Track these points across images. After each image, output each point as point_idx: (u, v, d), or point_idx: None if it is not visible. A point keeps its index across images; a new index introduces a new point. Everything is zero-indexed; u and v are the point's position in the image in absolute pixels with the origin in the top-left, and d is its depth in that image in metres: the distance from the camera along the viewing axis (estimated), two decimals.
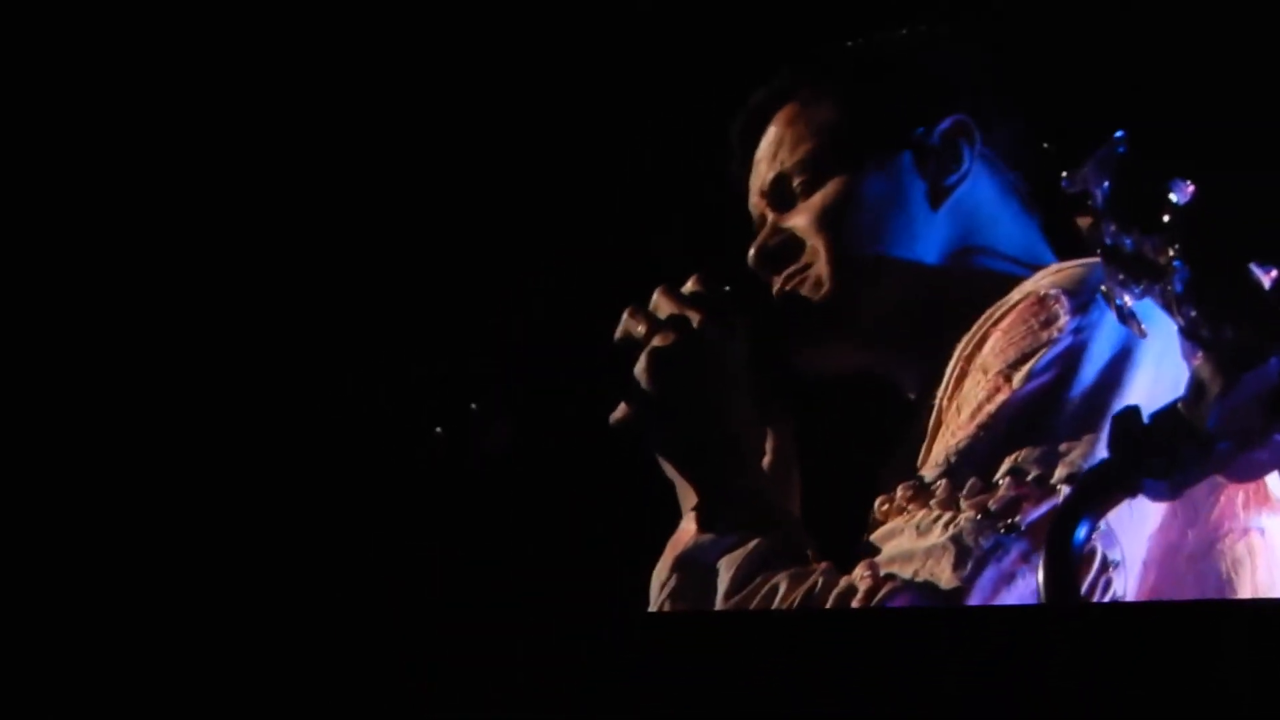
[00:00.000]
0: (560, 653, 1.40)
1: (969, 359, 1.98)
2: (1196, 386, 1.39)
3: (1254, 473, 1.41)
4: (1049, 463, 1.82)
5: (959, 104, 2.22)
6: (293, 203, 3.33)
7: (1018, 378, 1.90)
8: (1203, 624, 1.31)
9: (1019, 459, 1.83)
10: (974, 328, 2.00)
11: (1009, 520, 1.73)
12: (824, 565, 1.92)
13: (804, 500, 2.22)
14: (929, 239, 2.17)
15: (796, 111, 2.24)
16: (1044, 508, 1.78)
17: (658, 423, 2.06)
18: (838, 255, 2.15)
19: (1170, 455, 1.42)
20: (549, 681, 1.40)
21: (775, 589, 1.90)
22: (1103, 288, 1.43)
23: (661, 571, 2.03)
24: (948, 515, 1.82)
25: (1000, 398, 1.89)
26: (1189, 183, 1.39)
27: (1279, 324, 1.36)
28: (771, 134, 2.25)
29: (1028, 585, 1.80)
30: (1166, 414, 1.43)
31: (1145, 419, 1.44)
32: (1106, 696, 1.28)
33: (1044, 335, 1.89)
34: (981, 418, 1.90)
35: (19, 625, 1.42)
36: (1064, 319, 1.90)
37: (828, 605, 1.84)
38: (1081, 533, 1.42)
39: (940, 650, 1.34)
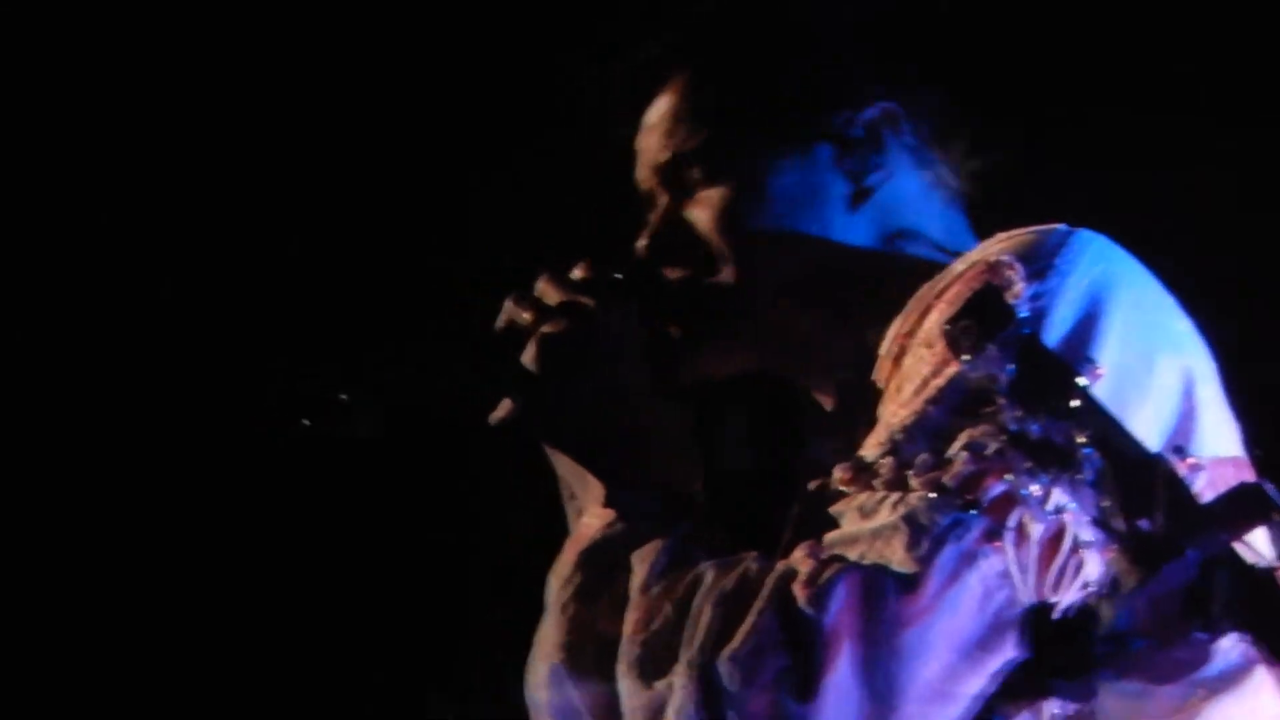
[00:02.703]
0: None
1: (908, 335, 1.84)
2: (1111, 581, 1.30)
3: (1174, 674, 1.31)
4: None
5: (880, 81, 2.04)
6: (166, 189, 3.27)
7: None
8: None
9: (975, 433, 1.67)
10: (910, 304, 1.85)
11: (968, 497, 1.57)
12: (751, 554, 1.78)
13: (712, 493, 2.08)
14: (846, 240, 2.01)
15: (696, 83, 2.05)
16: (1007, 482, 1.63)
17: (552, 414, 1.92)
18: (743, 263, 1.99)
19: (1083, 655, 1.32)
20: None
21: (699, 579, 1.76)
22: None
23: (564, 569, 1.88)
24: (895, 495, 1.68)
25: (949, 371, 1.74)
26: (1099, 365, 1.30)
27: (1196, 515, 1.27)
28: (667, 104, 2.05)
29: (991, 566, 1.66)
30: (1079, 610, 1.33)
31: (1057, 614, 1.34)
32: None
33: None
34: (929, 393, 1.75)
35: None
36: (1019, 286, 1.76)
37: (765, 590, 1.70)
38: None
39: None
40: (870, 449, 1.74)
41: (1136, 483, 1.30)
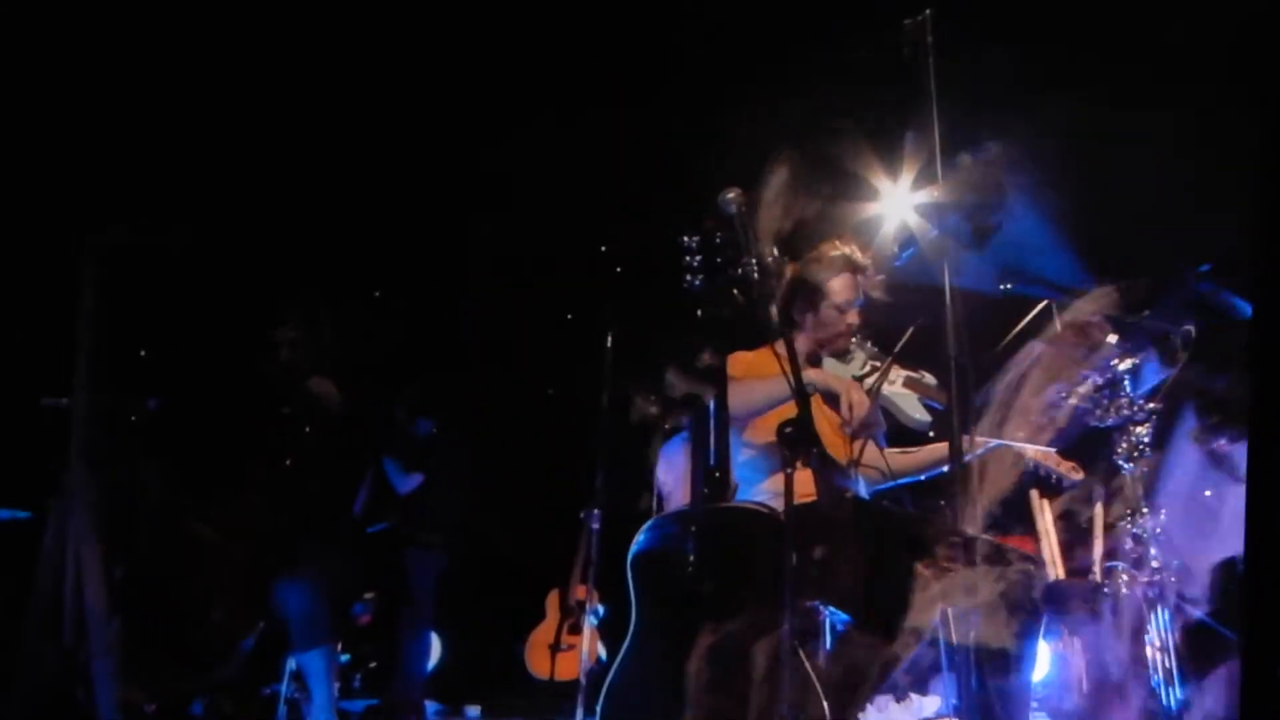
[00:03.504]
0: None
1: (1008, 405, 1.91)
2: None
3: None
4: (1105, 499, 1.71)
5: (991, 125, 2.09)
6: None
7: (1061, 414, 1.81)
8: None
9: (1069, 499, 1.72)
10: (1013, 371, 1.92)
11: (1063, 567, 1.62)
12: (859, 638, 1.85)
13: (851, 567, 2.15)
14: (964, 285, 2.07)
15: (784, 182, 2.15)
16: (1101, 548, 1.66)
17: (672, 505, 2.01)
18: (859, 332, 2.07)
19: None
20: None
21: (815, 666, 1.84)
22: (1193, 433, 1.33)
23: (694, 662, 1.98)
24: (995, 571, 1.74)
25: (1044, 437, 1.81)
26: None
27: None
28: (772, 189, 2.16)
29: (1094, 632, 1.70)
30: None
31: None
32: None
33: (1087, 365, 1.80)
34: (1025, 464, 1.82)
35: None
36: (1110, 344, 1.81)
37: (869, 677, 1.77)
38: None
39: None
40: (973, 524, 1.81)
41: None
